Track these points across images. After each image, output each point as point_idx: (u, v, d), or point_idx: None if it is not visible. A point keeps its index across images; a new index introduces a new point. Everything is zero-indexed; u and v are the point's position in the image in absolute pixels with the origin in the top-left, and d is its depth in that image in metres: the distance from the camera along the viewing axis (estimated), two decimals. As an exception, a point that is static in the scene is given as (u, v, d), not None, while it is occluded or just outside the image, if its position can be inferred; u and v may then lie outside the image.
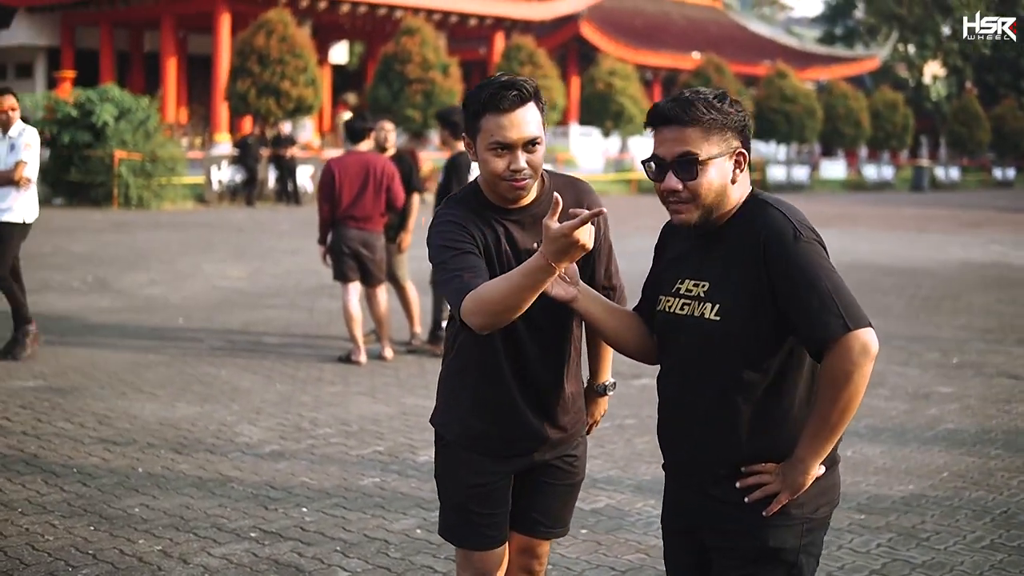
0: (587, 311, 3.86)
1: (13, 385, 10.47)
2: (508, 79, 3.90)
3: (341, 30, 56.25)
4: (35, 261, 19.92)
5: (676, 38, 69.14)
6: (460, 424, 4.19)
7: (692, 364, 3.60)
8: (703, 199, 3.52)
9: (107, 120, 33.05)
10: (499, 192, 3.96)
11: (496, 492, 4.20)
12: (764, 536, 3.53)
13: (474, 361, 4.12)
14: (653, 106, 3.60)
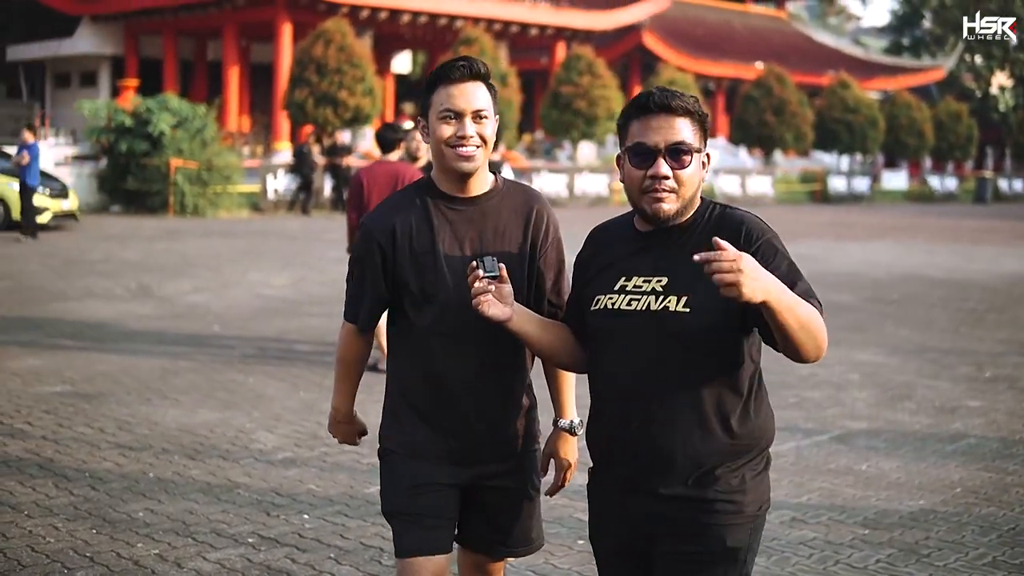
0: (521, 330, 3.86)
1: (41, 390, 10.62)
2: (463, 56, 4.05)
3: (403, 40, 56.46)
4: (83, 267, 20.26)
5: (739, 48, 68.99)
6: (401, 433, 4.20)
7: (648, 357, 3.56)
8: (686, 189, 3.57)
9: (164, 129, 33.40)
10: (447, 165, 4.01)
11: (436, 501, 4.17)
12: (723, 535, 3.54)
13: (416, 368, 4.14)
14: (641, 94, 3.62)
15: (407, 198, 4.14)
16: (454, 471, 4.17)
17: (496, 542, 4.32)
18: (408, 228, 4.05)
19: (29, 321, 14.51)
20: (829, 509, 7.76)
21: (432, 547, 4.16)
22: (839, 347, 14.08)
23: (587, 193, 45.93)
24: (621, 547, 3.77)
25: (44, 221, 27.87)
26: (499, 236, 4.07)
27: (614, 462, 3.70)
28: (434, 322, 4.05)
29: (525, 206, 4.13)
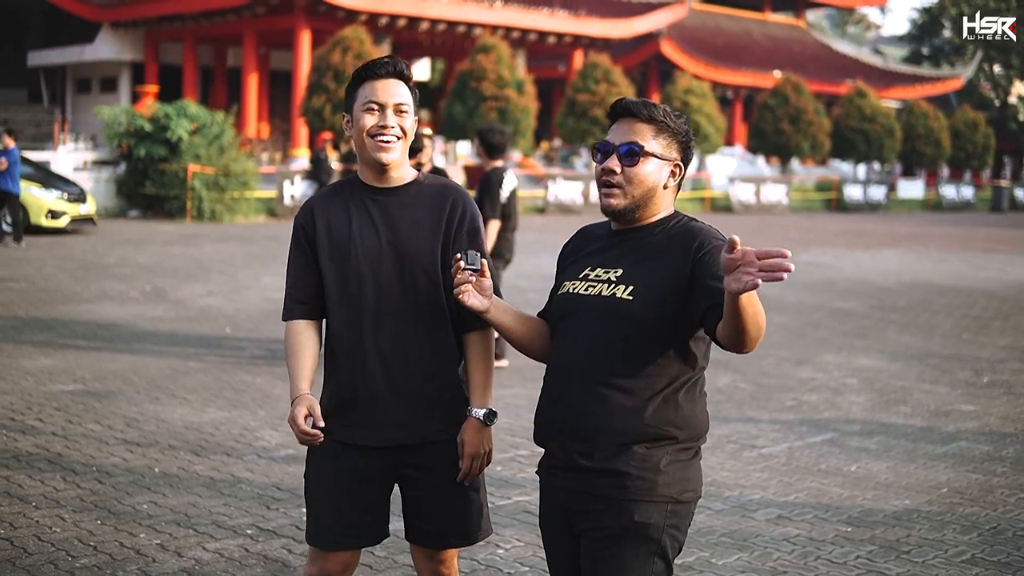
0: (498, 321, 4.09)
1: (53, 388, 10.86)
2: (387, 55, 4.34)
3: (422, 47, 56.70)
4: (98, 270, 20.51)
5: (757, 57, 69.05)
6: (325, 408, 4.34)
7: (590, 337, 3.82)
8: (635, 188, 3.84)
9: (182, 134, 33.69)
10: (368, 155, 4.25)
11: (351, 495, 4.34)
12: (630, 510, 3.73)
13: (338, 348, 4.35)
14: (617, 101, 3.94)
15: (333, 190, 4.41)
16: (372, 459, 4.34)
17: (430, 533, 4.44)
18: (327, 216, 4.31)
19: (43, 322, 14.77)
20: (815, 508, 7.95)
21: (338, 545, 4.37)
22: (840, 352, 14.30)
23: (602, 201, 45.99)
24: (555, 526, 3.99)
25: (62, 225, 28.20)
26: (416, 225, 4.28)
27: (548, 438, 3.94)
28: (349, 308, 4.27)
29: (442, 197, 4.35)
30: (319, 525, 4.38)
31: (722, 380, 12.33)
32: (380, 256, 4.25)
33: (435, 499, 4.39)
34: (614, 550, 3.77)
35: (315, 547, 4.40)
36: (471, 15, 50.03)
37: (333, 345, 4.38)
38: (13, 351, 12.65)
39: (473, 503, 4.44)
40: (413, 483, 4.39)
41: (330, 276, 4.31)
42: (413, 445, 4.34)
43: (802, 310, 18.29)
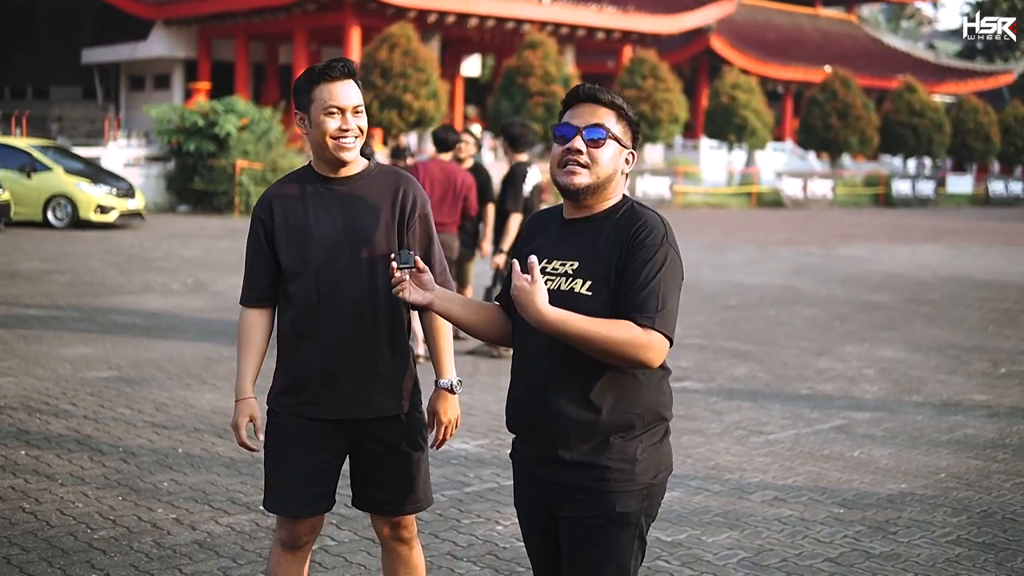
0: (445, 311, 4.24)
1: (88, 375, 11.27)
2: (338, 58, 4.60)
3: (472, 44, 57.03)
4: (143, 263, 20.98)
5: (808, 52, 68.97)
6: (279, 387, 4.66)
7: (552, 336, 3.87)
8: (599, 168, 3.94)
9: (230, 130, 34.16)
10: (327, 156, 4.54)
11: (309, 466, 4.62)
12: (611, 502, 3.88)
13: (294, 323, 4.62)
14: (576, 87, 4.09)
15: (288, 182, 4.69)
16: (328, 431, 4.62)
17: (381, 501, 4.73)
18: (284, 204, 4.59)
19: (84, 312, 15.21)
20: (811, 490, 8.20)
21: (308, 509, 4.67)
22: (862, 344, 14.51)
23: (648, 195, 46.20)
24: (532, 512, 4.15)
25: (110, 220, 28.75)
26: (369, 212, 4.55)
27: (521, 431, 4.10)
28: (308, 291, 4.54)
29: (393, 185, 4.63)
30: (281, 495, 4.66)
31: (740, 370, 12.60)
32: (336, 242, 4.52)
33: (388, 470, 4.67)
34: (596, 538, 3.93)
35: (281, 516, 4.71)
36: (520, 12, 50.30)
37: (290, 328, 4.64)
38: (53, 339, 13.09)
39: (421, 474, 4.73)
40: (367, 455, 4.66)
41: (289, 262, 4.57)
42: (368, 419, 4.61)
43: (832, 303, 18.51)
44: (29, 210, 28.61)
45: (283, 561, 4.75)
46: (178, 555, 6.53)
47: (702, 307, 17.64)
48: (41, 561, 6.33)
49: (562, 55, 49.08)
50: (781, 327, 15.86)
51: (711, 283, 21.02)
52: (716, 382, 11.95)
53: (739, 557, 6.77)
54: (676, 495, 7.94)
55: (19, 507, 7.25)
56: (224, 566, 6.37)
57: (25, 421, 9.43)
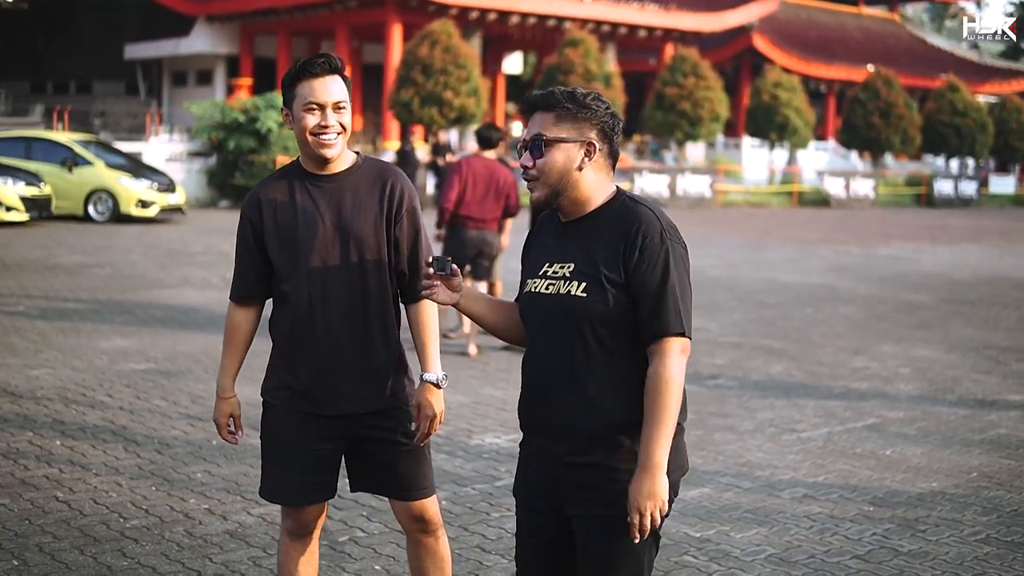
0: (470, 310, 4.29)
1: (125, 367, 11.37)
2: (320, 54, 4.61)
3: (513, 41, 57.06)
4: (182, 258, 21.13)
5: (851, 51, 68.76)
6: (274, 382, 4.73)
7: (559, 337, 3.97)
8: (547, 177, 3.95)
9: (271, 126, 34.31)
10: (310, 151, 4.56)
11: (307, 457, 4.67)
12: (623, 503, 3.86)
13: (288, 323, 4.65)
14: (525, 97, 4.14)
15: (277, 179, 4.71)
16: (326, 425, 4.66)
17: (393, 487, 4.77)
18: (273, 204, 4.61)
19: (123, 305, 15.35)
20: (842, 488, 8.20)
21: (301, 500, 4.73)
22: (899, 343, 14.47)
23: (689, 194, 46.14)
24: (538, 507, 4.13)
25: (151, 214, 28.98)
26: (357, 207, 4.58)
27: (532, 431, 4.11)
28: (299, 290, 4.57)
29: (380, 179, 4.65)
30: (278, 484, 4.73)
31: (775, 367, 12.60)
32: (325, 238, 4.55)
33: (387, 461, 4.73)
34: (610, 537, 3.94)
35: (281, 505, 4.78)
36: (561, 9, 50.34)
37: (283, 323, 4.67)
38: (91, 332, 13.21)
39: (420, 461, 4.78)
40: (364, 447, 4.72)
41: (279, 260, 4.61)
42: (361, 413, 4.66)
43: (869, 302, 18.47)
44: (70, 204, 28.84)
45: (291, 549, 4.82)
46: (209, 544, 6.60)
47: (739, 305, 17.64)
48: (73, 549, 6.41)
49: (603, 53, 49.06)
50: (818, 325, 15.84)
51: (749, 281, 21.00)
52: (750, 380, 11.95)
53: (767, 553, 6.79)
54: (706, 491, 7.97)
55: (53, 496, 7.34)
56: (254, 556, 6.44)
57: (61, 412, 9.53)
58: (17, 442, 8.59)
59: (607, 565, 3.96)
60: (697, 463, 8.67)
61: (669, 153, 52.88)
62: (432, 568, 4.92)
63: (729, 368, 12.50)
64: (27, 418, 9.31)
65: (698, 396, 10.98)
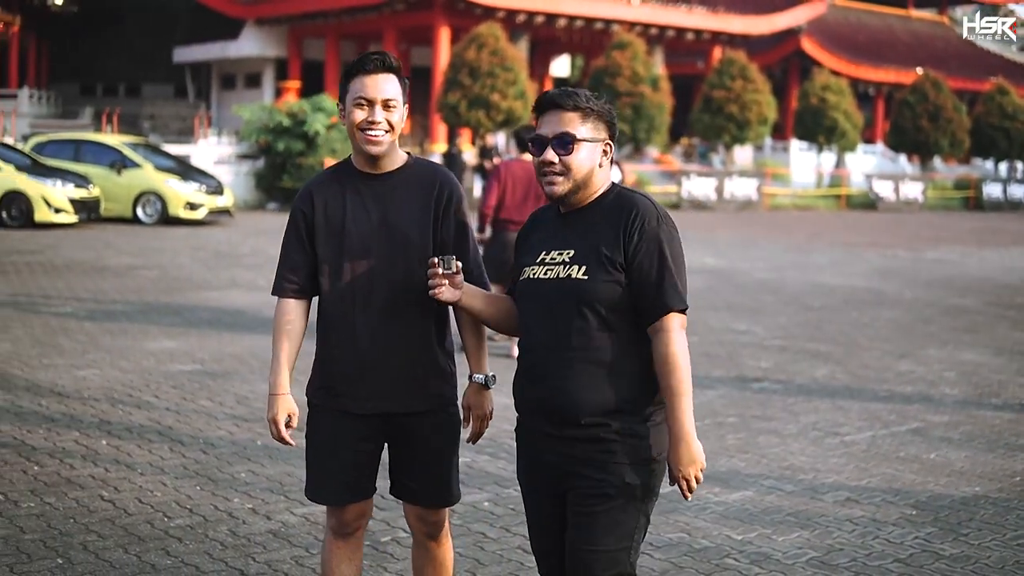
0: (470, 307, 4.48)
1: (171, 368, 11.46)
2: (377, 51, 4.67)
3: (561, 44, 57.12)
4: (230, 260, 21.26)
5: (899, 53, 68.51)
6: (318, 381, 4.75)
7: (557, 319, 4.17)
8: (575, 173, 4.19)
9: (318, 129, 34.46)
10: (359, 147, 4.59)
11: (348, 456, 4.70)
12: (620, 472, 4.11)
13: (330, 318, 4.67)
14: (541, 95, 4.31)
15: (328, 176, 4.74)
16: (363, 424, 4.68)
17: (412, 491, 4.79)
18: (324, 200, 4.63)
19: (170, 307, 15.46)
20: (885, 492, 8.18)
21: (343, 499, 4.75)
22: (944, 347, 14.41)
23: (736, 197, 46.05)
24: (541, 486, 4.34)
25: (199, 217, 29.17)
26: (404, 207, 4.60)
27: (531, 410, 4.29)
28: (343, 286, 4.59)
29: (430, 181, 4.66)
30: (320, 484, 4.76)
31: (820, 371, 12.57)
32: (372, 237, 4.57)
33: (419, 464, 4.74)
34: (605, 507, 4.13)
35: (324, 504, 4.82)
36: (608, 12, 50.40)
37: (326, 321, 4.70)
38: (138, 333, 13.32)
39: (453, 469, 4.82)
40: (400, 447, 4.74)
41: (325, 256, 4.63)
42: (400, 414, 4.67)
43: (915, 306, 18.39)
44: (119, 206, 29.06)
45: (335, 548, 4.84)
46: (252, 544, 6.65)
47: (785, 308, 17.61)
48: (117, 548, 6.47)
49: (651, 56, 49.09)
50: (863, 329, 15.78)
51: (795, 284, 20.95)
52: (795, 383, 11.92)
53: (808, 556, 6.78)
54: (748, 494, 7.97)
55: (98, 495, 7.41)
56: (296, 555, 6.49)
57: (108, 412, 9.62)
58: (63, 441, 8.67)
59: (597, 537, 4.15)
60: (740, 466, 8.69)
61: (716, 156, 52.80)
62: (431, 573, 4.97)
63: (774, 371, 12.48)
64: (74, 418, 9.40)
65: (742, 399, 11.00)
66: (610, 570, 4.15)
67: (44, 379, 10.78)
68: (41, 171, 27.29)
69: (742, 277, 21.83)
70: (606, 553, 4.13)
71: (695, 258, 23.23)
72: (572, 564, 4.20)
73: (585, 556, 4.15)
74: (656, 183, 45.48)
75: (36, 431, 8.94)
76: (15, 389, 10.34)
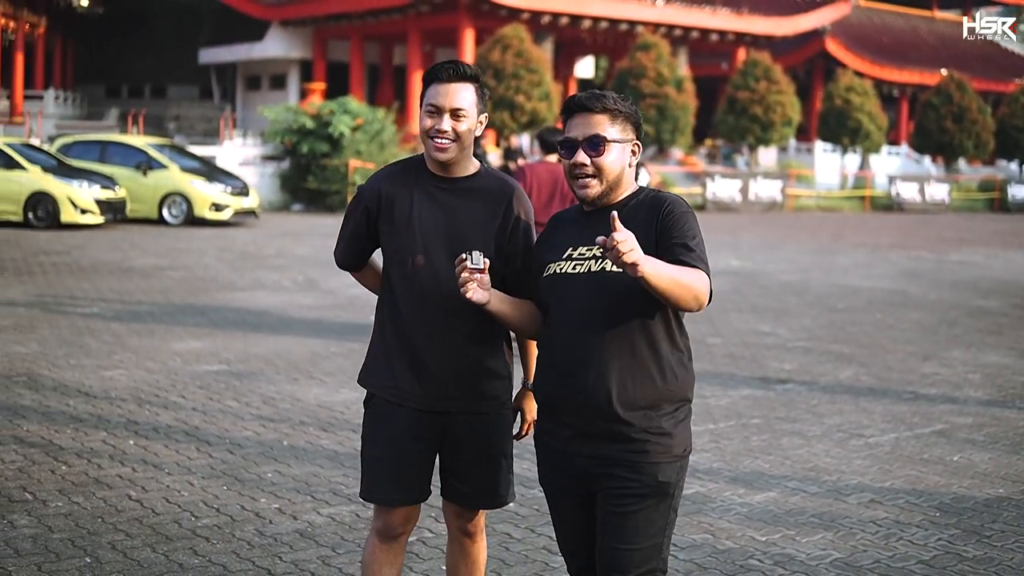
0: (498, 311, 4.48)
1: (198, 369, 11.53)
2: (455, 59, 4.71)
3: (585, 45, 57.12)
4: (255, 261, 21.34)
5: (924, 54, 68.30)
6: (374, 378, 4.79)
7: (590, 312, 4.19)
8: (606, 174, 4.25)
9: (343, 131, 34.54)
10: (428, 152, 4.64)
11: (402, 454, 4.73)
12: (652, 471, 4.15)
13: (389, 319, 4.73)
14: (569, 98, 4.37)
15: (399, 172, 4.78)
16: (417, 423, 4.71)
17: (466, 494, 4.84)
18: (392, 196, 4.68)
19: (196, 308, 15.54)
20: (908, 494, 8.19)
21: (394, 501, 4.78)
22: (969, 349, 14.40)
23: (761, 198, 46.00)
24: (569, 487, 4.36)
25: (224, 218, 29.29)
26: (473, 215, 4.65)
27: (558, 409, 4.30)
28: (405, 282, 4.64)
29: (501, 193, 4.71)
30: (374, 483, 4.79)
31: (844, 373, 12.57)
32: (435, 237, 4.61)
33: (471, 465, 4.78)
34: (637, 506, 4.16)
35: (376, 504, 4.84)
36: (633, 13, 50.34)
37: (384, 317, 4.76)
38: (165, 334, 13.40)
39: (503, 471, 4.84)
40: (454, 449, 4.77)
41: (388, 251, 4.70)
42: (454, 413, 4.71)
43: (940, 308, 18.37)
44: (145, 207, 29.19)
45: (378, 551, 4.86)
46: (279, 543, 6.70)
47: (809, 310, 17.60)
48: (145, 547, 6.53)
49: (675, 57, 49.09)
50: (887, 331, 15.77)
51: (820, 286, 20.94)
52: (819, 385, 11.93)
53: (832, 558, 6.80)
54: (772, 495, 7.99)
55: (126, 495, 7.47)
56: (323, 555, 6.53)
57: (135, 412, 9.69)
58: (91, 441, 8.74)
59: (630, 536, 4.18)
60: (764, 467, 8.71)
61: (741, 157, 52.76)
62: (464, 571, 5.03)
63: (798, 373, 12.49)
64: (101, 418, 9.47)
65: (766, 400, 11.02)
66: (643, 567, 4.19)
67: (71, 379, 10.86)
68: (67, 172, 27.43)
69: (766, 279, 21.83)
70: (638, 551, 4.18)
71: (720, 260, 23.26)
72: (605, 563, 4.23)
73: (618, 555, 4.18)
74: (680, 184, 45.46)
75: (64, 431, 9.02)
76: (43, 389, 10.41)
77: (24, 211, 26.39)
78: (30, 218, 26.35)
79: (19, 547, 6.46)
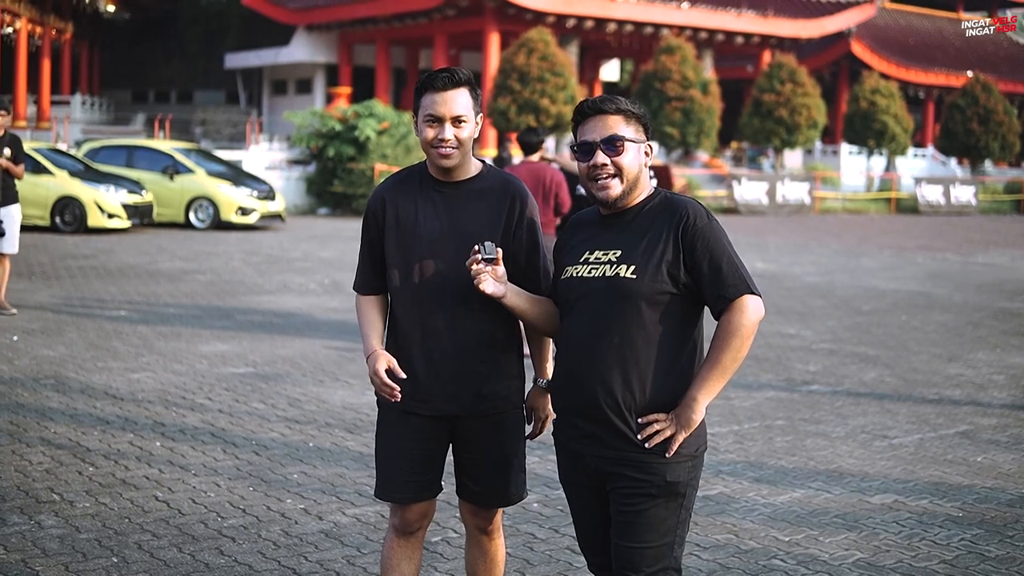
0: (514, 305, 4.55)
1: (224, 371, 11.60)
2: (447, 67, 4.73)
3: (610, 48, 57.11)
4: (281, 264, 21.41)
5: (949, 56, 68.13)
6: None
7: (604, 317, 4.23)
8: (626, 174, 4.29)
9: (369, 134, 34.61)
10: (431, 160, 4.68)
11: (413, 453, 4.78)
12: (663, 472, 4.20)
13: (400, 325, 4.77)
14: (580, 103, 4.41)
15: (403, 179, 4.83)
16: (428, 424, 4.76)
17: (479, 493, 4.88)
18: (396, 202, 4.73)
19: (223, 311, 15.62)
20: (932, 494, 8.20)
21: (407, 498, 4.82)
22: (993, 350, 14.38)
23: (788, 201, 45.91)
24: (584, 485, 4.42)
25: (251, 221, 29.36)
26: (475, 216, 4.68)
27: (572, 411, 4.36)
28: (410, 287, 4.68)
29: (504, 191, 4.74)
30: (387, 481, 4.84)
31: (869, 374, 12.57)
32: (441, 242, 4.65)
33: (481, 464, 4.83)
34: (647, 505, 4.21)
35: (390, 502, 4.88)
36: (658, 16, 50.32)
37: (395, 322, 4.80)
38: (191, 337, 13.48)
39: (514, 470, 4.88)
40: (464, 448, 4.84)
41: (394, 259, 4.72)
42: (465, 416, 4.75)
43: (965, 309, 18.33)
44: (171, 211, 29.30)
45: (396, 547, 4.91)
46: (304, 544, 6.75)
47: (834, 312, 17.59)
48: (171, 547, 6.59)
49: (700, 60, 49.09)
50: (912, 332, 15.76)
51: (845, 288, 20.92)
52: (844, 386, 11.94)
53: (855, 558, 6.82)
54: (796, 496, 8.01)
55: (152, 495, 7.54)
56: (348, 555, 6.58)
57: (162, 414, 9.76)
58: (118, 443, 8.81)
59: (641, 534, 4.23)
60: (788, 468, 8.73)
61: (767, 160, 52.71)
62: (483, 568, 5.07)
63: (823, 374, 12.50)
64: (128, 420, 9.54)
65: (791, 401, 11.04)
66: (655, 565, 4.23)
67: (99, 382, 10.94)
68: (94, 177, 27.55)
69: (792, 281, 21.81)
70: (650, 549, 4.22)
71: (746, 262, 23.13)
72: (617, 561, 4.28)
73: (629, 553, 4.23)
74: (706, 187, 45.47)
75: (91, 433, 9.09)
76: (70, 392, 10.49)
77: (51, 215, 26.49)
78: (57, 223, 26.46)
79: (47, 547, 6.52)
